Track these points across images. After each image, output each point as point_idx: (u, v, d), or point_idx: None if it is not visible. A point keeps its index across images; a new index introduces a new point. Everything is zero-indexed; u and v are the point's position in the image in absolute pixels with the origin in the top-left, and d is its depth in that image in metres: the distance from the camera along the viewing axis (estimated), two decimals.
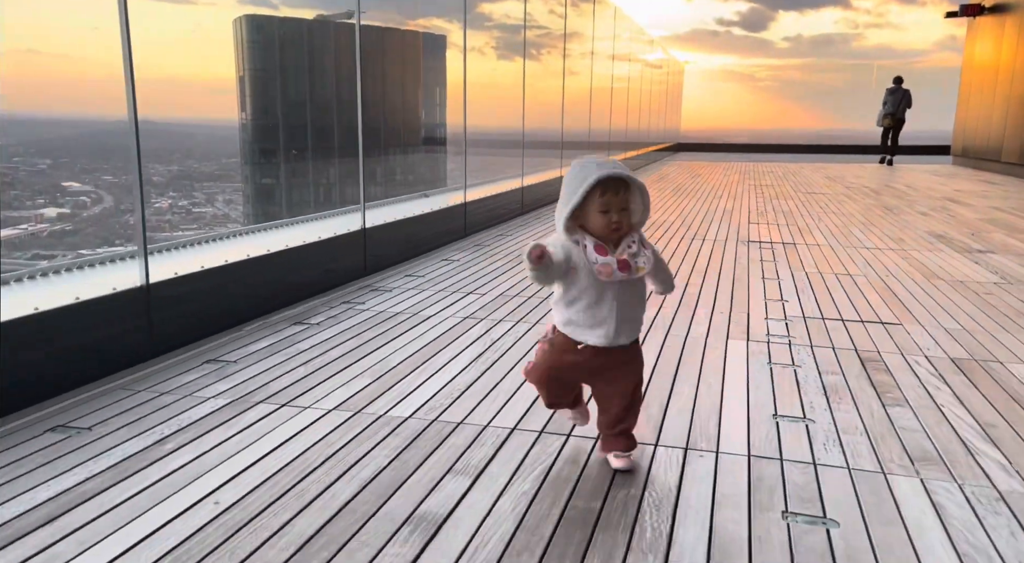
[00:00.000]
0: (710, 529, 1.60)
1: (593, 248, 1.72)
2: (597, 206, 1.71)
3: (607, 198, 1.70)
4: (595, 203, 1.71)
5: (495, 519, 1.63)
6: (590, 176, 1.69)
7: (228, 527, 1.58)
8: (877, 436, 2.08)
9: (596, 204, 1.71)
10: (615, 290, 1.75)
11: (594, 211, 1.72)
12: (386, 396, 2.34)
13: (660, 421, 2.18)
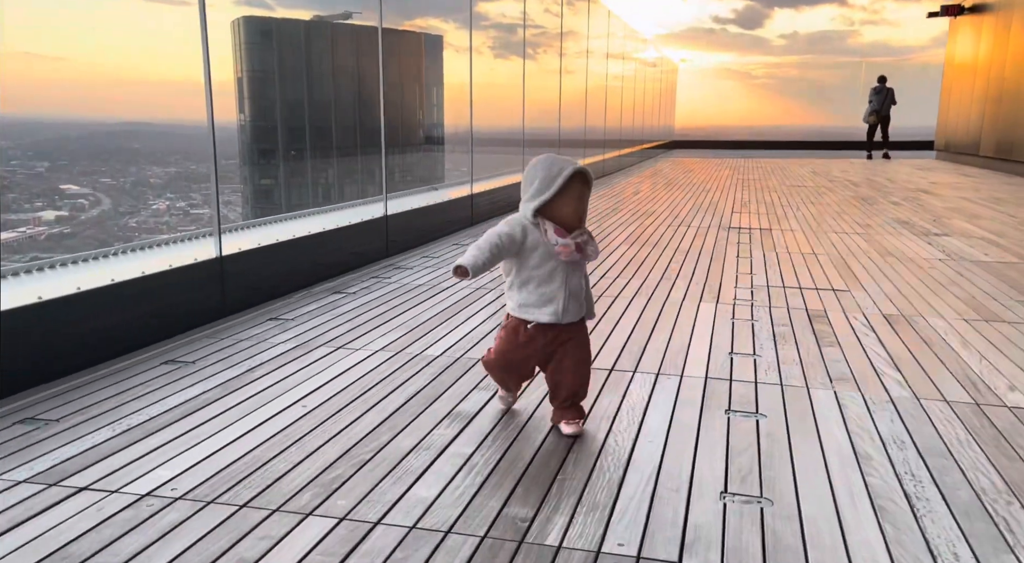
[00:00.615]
0: (671, 419, 2.18)
1: (554, 231, 1.94)
2: (574, 194, 1.93)
3: (581, 189, 1.95)
4: (572, 191, 1.92)
5: (511, 415, 2.21)
6: (566, 168, 1.91)
7: (317, 419, 2.16)
8: (808, 365, 2.66)
9: (573, 192, 1.93)
10: (564, 272, 1.98)
11: (568, 199, 1.93)
12: (419, 342, 2.92)
13: (639, 356, 2.75)
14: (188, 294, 3.02)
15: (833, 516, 1.63)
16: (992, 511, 1.66)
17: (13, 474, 1.82)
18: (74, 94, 3.85)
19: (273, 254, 3.56)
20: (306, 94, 4.85)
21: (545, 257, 1.97)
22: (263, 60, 5.08)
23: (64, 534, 1.56)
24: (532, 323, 2.02)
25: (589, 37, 10.80)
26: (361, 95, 4.81)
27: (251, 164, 5.07)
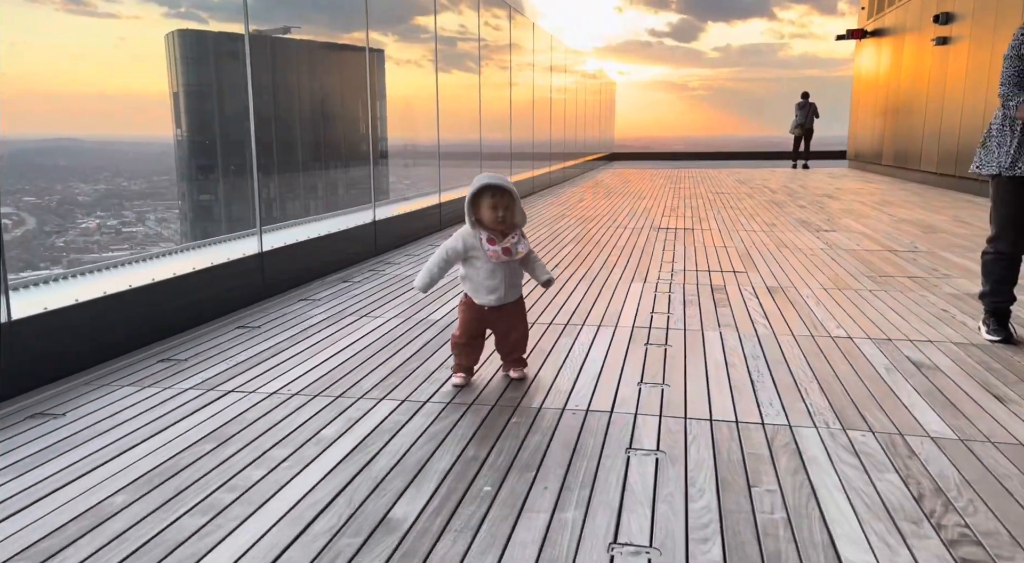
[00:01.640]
0: (608, 348, 3.20)
1: (486, 239, 2.57)
2: (487, 204, 2.52)
3: (494, 199, 2.52)
4: (485, 202, 2.52)
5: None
6: (480, 182, 2.52)
7: (363, 358, 3.11)
8: (705, 318, 3.72)
9: (486, 202, 2.52)
10: (503, 268, 2.61)
11: (485, 207, 2.52)
12: (422, 312, 3.88)
13: (586, 315, 3.77)
14: (239, 279, 3.92)
15: (704, 392, 2.67)
16: (801, 387, 2.72)
17: (179, 386, 2.73)
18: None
19: (299, 250, 4.48)
20: (249, 108, 4.67)
21: (484, 259, 2.60)
22: (200, 74, 4.90)
23: (226, 414, 2.48)
24: (480, 305, 2.68)
25: (534, 52, 11.88)
26: (303, 110, 4.83)
27: (189, 180, 4.87)
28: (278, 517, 1.80)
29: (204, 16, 4.50)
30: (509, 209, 2.55)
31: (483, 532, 1.73)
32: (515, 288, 2.73)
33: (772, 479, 1.98)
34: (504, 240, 2.58)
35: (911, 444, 2.20)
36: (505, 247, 2.58)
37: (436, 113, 7.20)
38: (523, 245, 2.64)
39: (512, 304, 2.74)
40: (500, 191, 2.52)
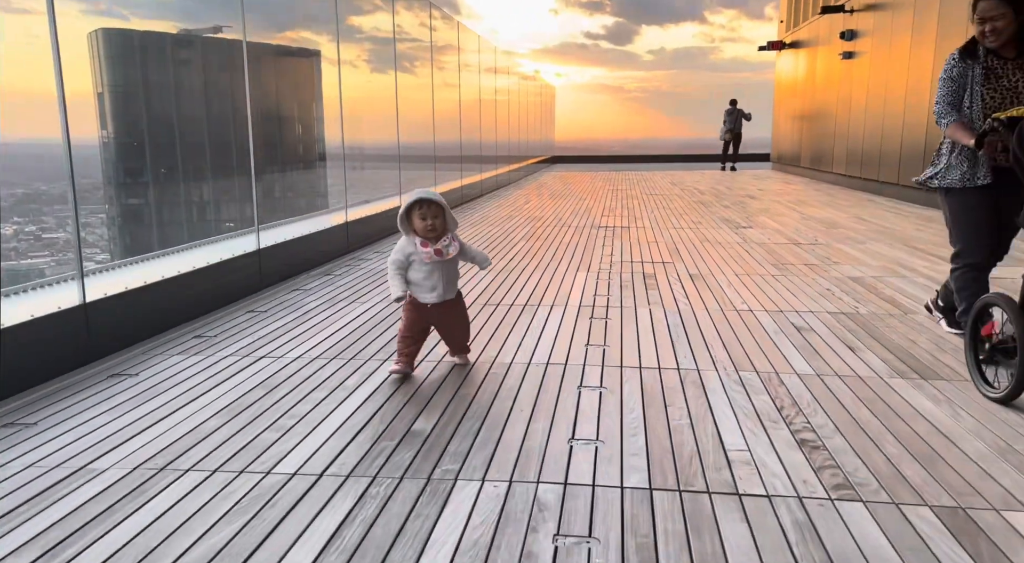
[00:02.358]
0: (560, 322, 3.97)
1: (420, 244, 2.94)
2: (417, 216, 2.91)
3: (423, 210, 2.91)
4: (416, 213, 2.92)
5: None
6: (412, 197, 2.91)
7: (363, 332, 3.79)
8: (637, 298, 4.53)
9: (416, 214, 2.91)
10: (439, 268, 2.98)
11: (416, 218, 2.92)
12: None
13: (541, 297, 4.54)
14: (241, 271, 4.54)
15: (636, 349, 3.46)
16: (708, 344, 3.54)
17: (218, 354, 3.37)
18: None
19: (290, 247, 5.10)
20: (175, 110, 4.68)
21: (421, 262, 2.97)
22: (126, 74, 4.72)
23: (265, 372, 3.14)
24: (423, 303, 3.03)
25: (461, 52, 12.60)
26: (236, 111, 4.78)
27: (116, 184, 4.73)
28: (332, 432, 2.50)
29: (125, 13, 4.25)
30: (438, 218, 2.94)
31: (480, 436, 2.47)
32: (452, 286, 3.10)
33: (682, 401, 2.78)
34: (436, 243, 2.96)
35: (782, 378, 3.04)
36: (437, 249, 2.96)
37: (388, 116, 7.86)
38: (453, 247, 3.01)
39: (452, 301, 3.11)
40: (428, 203, 2.92)
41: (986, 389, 2.82)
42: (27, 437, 2.49)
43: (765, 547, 1.80)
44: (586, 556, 1.77)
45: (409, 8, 8.72)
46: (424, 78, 9.24)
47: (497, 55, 14.54)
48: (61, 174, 3.03)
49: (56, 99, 3.04)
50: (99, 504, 2.04)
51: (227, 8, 4.47)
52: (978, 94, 3.26)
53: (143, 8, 4.44)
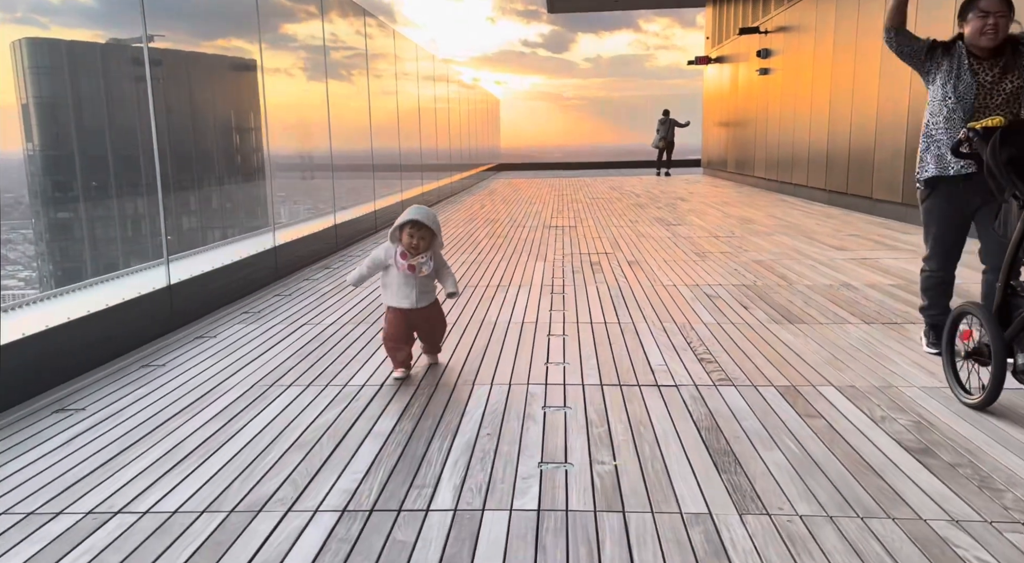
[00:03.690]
0: (527, 298, 5.07)
1: (399, 254, 3.24)
2: (407, 232, 3.21)
3: (412, 229, 3.20)
4: (406, 230, 3.21)
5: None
6: (406, 216, 3.19)
7: (369, 312, 4.82)
8: (587, 279, 5.67)
9: (407, 230, 3.21)
10: (412, 280, 3.27)
11: (403, 235, 3.22)
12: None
13: (510, 281, 5.63)
14: (261, 263, 5.50)
15: (587, 311, 4.59)
16: (640, 307, 4.70)
17: (269, 323, 4.36)
18: None
19: (296, 246, 6.07)
20: (107, 121, 4.56)
21: (397, 269, 3.28)
22: (53, 85, 4.60)
23: (312, 332, 4.14)
24: (399, 308, 3.31)
25: (397, 60, 13.57)
26: (172, 122, 4.76)
27: (44, 198, 4.56)
28: (377, 366, 3.54)
29: (44, 21, 4.14)
30: (424, 239, 3.23)
31: (484, 363, 3.55)
32: (427, 295, 3.38)
33: (621, 341, 3.91)
34: (413, 258, 3.25)
35: (693, 327, 4.21)
36: (411, 265, 3.25)
37: (329, 125, 8.84)
38: (428, 266, 3.28)
39: (428, 307, 3.39)
40: (418, 225, 3.22)
41: (962, 395, 2.90)
42: (160, 375, 3.45)
43: (673, 410, 2.93)
44: (563, 416, 2.87)
45: (344, 16, 8.59)
46: (360, 87, 9.10)
47: (436, 63, 15.23)
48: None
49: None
50: (230, 411, 3.03)
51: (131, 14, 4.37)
52: (970, 84, 3.22)
53: (58, 15, 4.28)
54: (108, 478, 2.36)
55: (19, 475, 2.39)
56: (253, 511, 2.14)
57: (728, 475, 2.34)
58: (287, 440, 2.67)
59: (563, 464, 2.43)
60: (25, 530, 2.05)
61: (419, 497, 2.22)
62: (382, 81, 9.86)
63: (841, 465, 2.40)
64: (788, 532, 2.00)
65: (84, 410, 2.98)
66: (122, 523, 2.08)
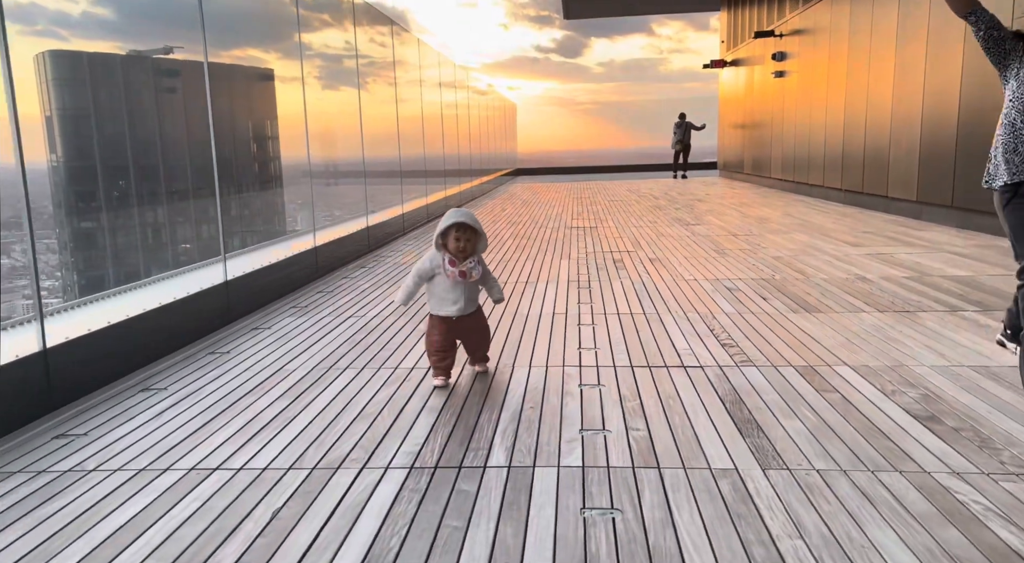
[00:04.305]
0: (556, 291, 5.35)
1: (448, 261, 3.14)
2: (452, 236, 3.11)
3: (458, 232, 3.11)
4: (452, 234, 3.12)
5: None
6: (451, 219, 3.09)
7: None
8: (611, 275, 5.94)
9: (452, 234, 3.12)
10: (461, 286, 3.18)
11: (451, 239, 3.12)
12: None
13: (538, 276, 5.91)
14: (299, 264, 5.82)
15: (613, 304, 4.86)
16: (664, 299, 4.96)
17: (318, 316, 4.67)
18: None
19: (328, 249, 6.40)
20: (127, 132, 4.56)
21: (444, 277, 3.18)
22: (75, 97, 4.64)
23: (360, 322, 4.45)
24: (446, 315, 3.22)
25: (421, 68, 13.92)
26: (191, 133, 4.75)
27: (68, 207, 4.60)
28: (422, 352, 3.83)
29: (64, 34, 4.15)
30: (470, 241, 3.15)
31: (521, 348, 3.83)
32: (473, 301, 3.27)
33: (647, 328, 4.18)
34: (463, 263, 3.15)
35: (715, 316, 4.46)
36: (462, 270, 3.15)
37: (361, 134, 9.17)
38: (477, 271, 3.19)
39: (473, 315, 3.30)
40: (464, 227, 3.13)
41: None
42: (226, 361, 3.76)
43: (699, 386, 3.20)
44: (598, 392, 3.14)
45: (373, 25, 8.82)
46: (388, 95, 9.34)
47: (456, 70, 15.74)
48: (5, 199, 3.02)
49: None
50: (297, 389, 3.34)
51: (175, 27, 4.57)
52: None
53: (78, 27, 4.35)
54: (200, 443, 2.67)
55: (122, 441, 2.71)
56: (332, 468, 2.44)
57: (751, 438, 2.60)
58: (351, 413, 2.97)
59: (602, 430, 2.71)
60: (140, 482, 2.35)
61: (476, 457, 2.50)
62: (408, 89, 10.21)
63: (854, 430, 2.66)
64: (806, 483, 2.26)
65: (166, 390, 3.30)
66: (222, 477, 2.38)
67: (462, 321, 3.26)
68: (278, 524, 2.07)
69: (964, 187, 7.98)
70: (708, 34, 52.05)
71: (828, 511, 2.09)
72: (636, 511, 2.11)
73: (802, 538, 1.95)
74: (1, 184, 3.61)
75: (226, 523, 2.08)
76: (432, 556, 1.90)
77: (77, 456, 2.57)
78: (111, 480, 2.37)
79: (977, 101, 7.70)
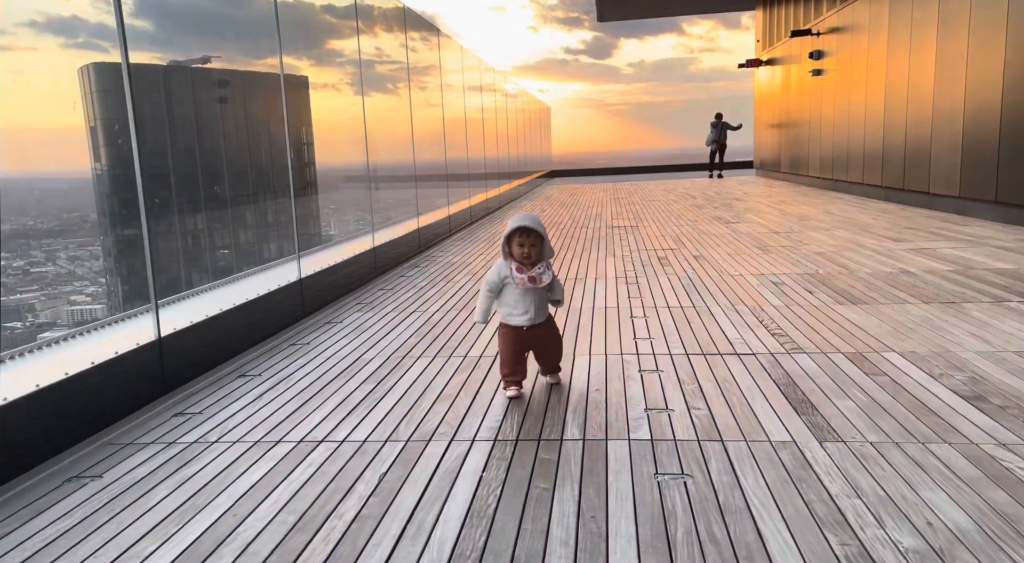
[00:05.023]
0: (605, 286, 5.58)
1: (515, 269, 3.04)
2: (516, 242, 3.04)
3: (521, 238, 3.03)
4: (515, 240, 3.04)
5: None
6: (514, 223, 3.02)
7: (465, 301, 5.39)
8: (657, 271, 6.14)
9: (516, 240, 3.05)
10: (531, 293, 3.06)
11: (515, 245, 3.05)
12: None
13: (587, 272, 6.14)
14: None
15: (662, 297, 5.07)
16: (711, 292, 5.15)
17: (382, 312, 4.96)
18: None
19: (368, 257, 6.70)
20: (168, 141, 4.56)
21: (514, 285, 3.07)
22: (118, 107, 4.57)
23: (422, 318, 4.72)
24: (517, 326, 3.11)
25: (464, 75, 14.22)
26: (228, 141, 4.81)
27: (111, 215, 4.54)
28: (487, 342, 4.08)
29: (106, 46, 4.19)
30: (535, 246, 3.05)
31: (579, 338, 4.07)
32: (543, 311, 3.16)
33: (698, 320, 4.38)
34: (531, 270, 3.06)
35: (763, 309, 4.65)
36: (531, 276, 3.05)
37: (411, 140, 9.48)
38: (547, 275, 3.09)
39: (544, 324, 3.18)
40: (527, 231, 3.04)
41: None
42: (308, 351, 4.06)
43: (753, 371, 3.40)
44: (658, 377, 3.36)
45: (419, 31, 9.03)
46: (435, 101, 9.53)
47: (495, 75, 16.05)
48: (49, 209, 3.00)
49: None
50: (378, 375, 3.62)
51: (206, 37, 4.66)
52: None
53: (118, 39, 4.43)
54: (302, 420, 2.96)
55: (233, 418, 3.01)
56: (424, 440, 2.70)
57: (807, 416, 2.81)
58: (432, 395, 3.23)
59: (665, 409, 2.93)
60: (258, 452, 2.65)
61: (552, 431, 2.75)
62: (451, 94, 10.53)
63: (904, 408, 2.84)
64: (861, 453, 2.46)
65: (260, 375, 3.61)
66: (328, 448, 2.66)
67: (533, 331, 3.15)
68: (386, 486, 2.34)
69: (1008, 181, 8.00)
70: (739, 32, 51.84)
71: (882, 476, 2.29)
72: (705, 476, 2.33)
73: (860, 498, 2.15)
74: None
75: (341, 484, 2.36)
76: (526, 510, 2.15)
77: (198, 430, 2.88)
78: (233, 450, 2.67)
79: (1021, 94, 7.73)
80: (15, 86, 2.95)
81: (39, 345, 3.08)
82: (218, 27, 4.94)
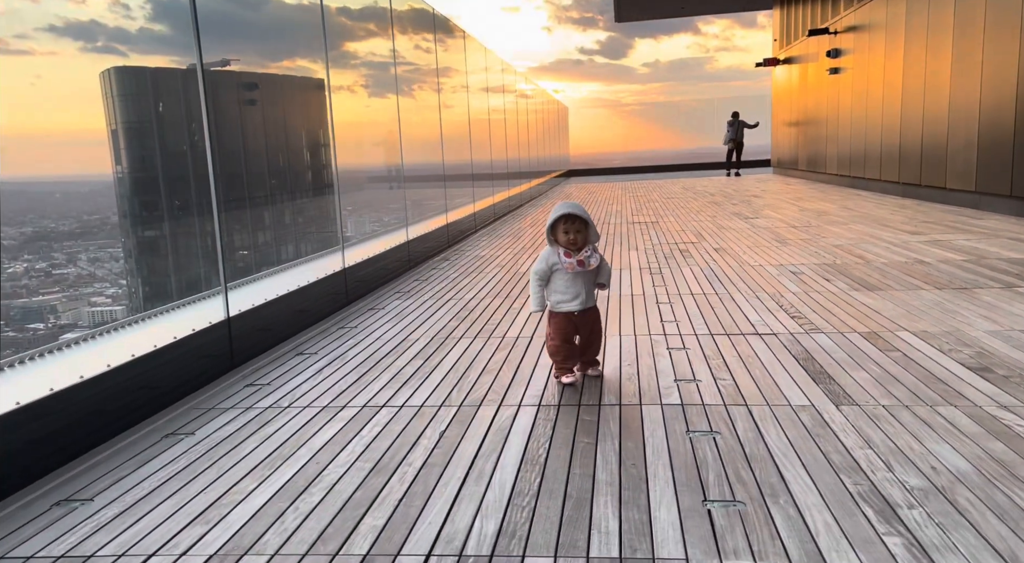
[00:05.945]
0: (630, 274, 5.84)
1: (563, 254, 3.09)
2: (561, 229, 3.09)
3: (566, 225, 3.07)
4: (560, 227, 3.09)
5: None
6: (557, 211, 3.06)
7: (500, 288, 5.67)
8: (680, 263, 6.39)
9: (561, 227, 3.09)
10: (580, 277, 3.12)
11: (560, 231, 3.09)
12: (514, 268, 6.45)
13: (620, 262, 6.40)
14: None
15: (686, 286, 5.32)
16: (733, 282, 5.40)
17: (420, 299, 5.26)
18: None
19: (392, 254, 7.01)
20: (188, 143, 4.56)
21: (563, 271, 3.11)
22: (139, 111, 4.71)
23: (458, 305, 5.01)
24: (568, 311, 3.17)
25: (487, 76, 14.52)
26: (248, 143, 4.90)
27: (132, 217, 4.62)
28: (523, 324, 4.37)
29: (123, 50, 4.28)
30: (580, 232, 3.08)
31: (609, 324, 4.34)
32: (591, 295, 3.20)
33: (721, 305, 4.64)
34: (579, 254, 3.09)
35: (783, 295, 4.89)
36: (579, 260, 3.09)
37: (440, 141, 9.78)
38: (595, 258, 3.12)
39: (593, 309, 3.23)
40: (572, 218, 3.07)
41: None
42: (356, 334, 4.37)
43: (774, 348, 3.65)
44: (685, 354, 3.63)
45: (449, 35, 9.27)
46: (461, 102, 9.74)
47: (517, 76, 16.33)
48: (69, 211, 3.08)
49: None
50: (425, 353, 3.91)
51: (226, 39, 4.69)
52: None
53: (137, 43, 4.42)
54: (362, 390, 3.26)
55: (300, 389, 3.32)
56: (475, 405, 2.99)
57: (824, 385, 3.06)
58: (477, 368, 3.52)
59: (693, 380, 3.20)
60: (328, 415, 2.95)
61: (591, 398, 3.02)
62: (476, 95, 10.84)
63: (914, 378, 3.09)
64: (874, 414, 2.71)
65: (316, 354, 3.92)
66: (390, 411, 2.96)
67: (584, 316, 3.19)
68: (446, 441, 2.63)
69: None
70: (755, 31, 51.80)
71: (893, 432, 2.54)
72: (732, 433, 2.60)
73: (872, 449, 2.41)
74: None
75: (406, 439, 2.66)
76: (574, 459, 2.43)
77: (270, 398, 3.19)
78: (305, 413, 2.98)
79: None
80: (34, 90, 3.00)
81: (129, 321, 3.40)
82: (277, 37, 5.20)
